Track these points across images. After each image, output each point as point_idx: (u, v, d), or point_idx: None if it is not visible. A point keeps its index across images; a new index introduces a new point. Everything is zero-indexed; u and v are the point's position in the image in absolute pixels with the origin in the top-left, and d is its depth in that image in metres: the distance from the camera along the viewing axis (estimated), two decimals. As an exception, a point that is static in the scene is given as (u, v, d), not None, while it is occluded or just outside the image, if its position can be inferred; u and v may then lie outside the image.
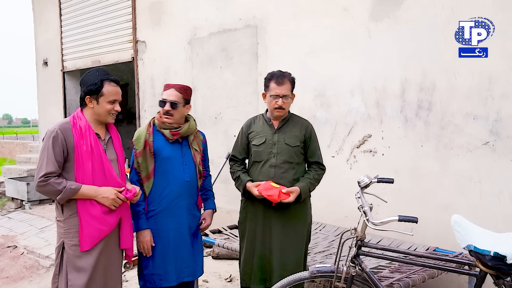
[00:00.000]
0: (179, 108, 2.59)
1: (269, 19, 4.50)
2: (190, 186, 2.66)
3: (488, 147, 3.17)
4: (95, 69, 2.38)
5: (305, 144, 2.74)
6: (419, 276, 2.70)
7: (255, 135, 2.77)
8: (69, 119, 2.34)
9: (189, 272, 2.64)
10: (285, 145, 2.68)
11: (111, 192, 2.28)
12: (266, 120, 2.78)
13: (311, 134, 2.75)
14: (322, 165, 2.79)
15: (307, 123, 2.79)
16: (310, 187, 2.68)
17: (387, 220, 2.04)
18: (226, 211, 4.71)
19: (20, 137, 25.18)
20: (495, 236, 1.95)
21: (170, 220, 2.61)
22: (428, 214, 3.43)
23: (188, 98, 2.65)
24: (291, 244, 2.67)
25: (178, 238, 2.62)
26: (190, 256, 2.65)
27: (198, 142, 2.72)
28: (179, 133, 2.61)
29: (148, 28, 5.98)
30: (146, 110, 6.15)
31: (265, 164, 2.69)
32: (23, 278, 4.32)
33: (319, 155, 2.78)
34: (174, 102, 2.57)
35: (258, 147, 2.73)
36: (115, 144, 2.47)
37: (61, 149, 2.23)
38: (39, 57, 8.30)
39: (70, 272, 2.26)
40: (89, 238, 2.25)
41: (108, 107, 2.34)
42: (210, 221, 2.79)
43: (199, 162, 2.69)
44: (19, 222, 6.46)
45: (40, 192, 2.27)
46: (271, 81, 2.67)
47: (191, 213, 2.68)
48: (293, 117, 2.80)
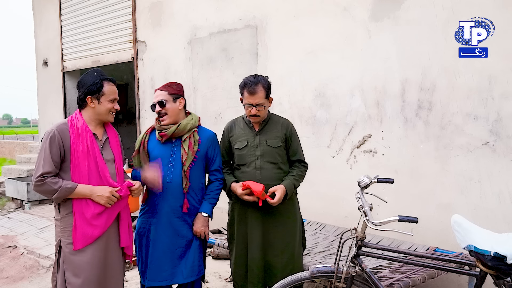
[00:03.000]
0: (169, 105, 2.60)
1: (269, 19, 4.50)
2: (172, 188, 2.58)
3: (488, 147, 3.17)
4: (93, 70, 2.45)
5: (287, 143, 2.74)
6: (419, 276, 2.69)
7: (237, 138, 2.76)
8: (67, 120, 2.40)
9: (164, 277, 2.58)
10: (267, 146, 2.67)
11: (105, 191, 2.32)
12: (246, 123, 2.77)
13: (292, 133, 2.75)
14: (304, 163, 2.79)
15: (287, 122, 2.79)
16: (295, 183, 2.68)
17: (387, 220, 2.04)
18: (226, 211, 4.71)
19: (20, 137, 25.19)
20: (495, 236, 1.95)
21: (152, 220, 2.63)
22: (428, 214, 3.42)
23: (177, 93, 2.64)
24: (283, 242, 2.67)
25: (156, 240, 2.60)
26: (167, 260, 2.58)
27: (191, 142, 2.61)
28: (166, 134, 2.60)
29: (148, 28, 5.98)
30: (146, 110, 6.15)
31: (249, 167, 2.69)
32: (23, 278, 4.32)
33: (300, 153, 2.79)
34: (160, 101, 2.60)
35: (240, 150, 2.73)
36: (112, 144, 2.50)
37: (58, 150, 2.29)
38: (39, 57, 8.30)
39: (67, 270, 2.30)
40: (82, 237, 2.29)
41: (109, 106, 2.41)
42: (198, 226, 2.63)
43: (184, 163, 2.57)
44: (19, 222, 6.46)
45: (37, 191, 2.32)
46: (244, 90, 2.64)
47: (176, 216, 2.61)
48: (272, 117, 2.79)
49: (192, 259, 2.62)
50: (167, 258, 2.59)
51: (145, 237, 2.65)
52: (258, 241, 2.68)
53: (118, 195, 2.36)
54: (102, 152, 2.41)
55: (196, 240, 2.67)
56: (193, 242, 2.65)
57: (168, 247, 2.60)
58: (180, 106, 2.64)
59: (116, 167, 2.47)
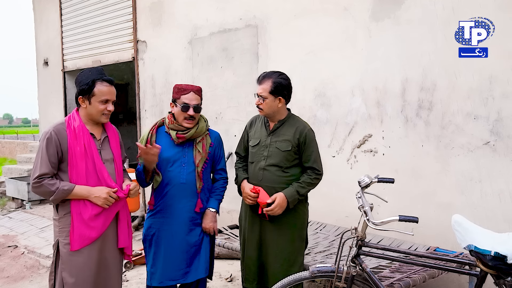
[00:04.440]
0: (199, 111, 2.62)
1: (269, 19, 4.50)
2: (187, 188, 2.62)
3: (489, 147, 3.17)
4: (89, 69, 2.39)
5: (299, 148, 2.62)
6: (419, 276, 2.69)
7: (253, 135, 2.77)
8: (65, 120, 2.36)
9: (179, 276, 2.61)
10: (276, 149, 2.62)
11: (103, 192, 2.30)
12: (264, 121, 2.76)
13: (306, 139, 2.61)
14: (317, 170, 2.64)
15: (302, 126, 2.65)
16: (299, 190, 2.56)
17: (387, 220, 2.04)
18: (226, 211, 4.71)
19: (20, 137, 25.20)
20: (495, 236, 1.95)
21: (165, 221, 2.63)
22: (429, 214, 3.43)
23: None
24: (278, 247, 2.64)
25: (170, 240, 2.62)
26: (182, 259, 2.62)
27: (204, 144, 2.66)
28: (184, 136, 2.60)
29: (149, 28, 5.98)
30: (147, 110, 6.15)
31: (256, 166, 2.69)
32: (24, 277, 4.32)
33: (315, 160, 2.63)
34: (197, 106, 2.60)
35: (252, 148, 2.73)
36: (112, 143, 2.46)
37: (55, 150, 2.26)
38: (39, 56, 8.30)
39: (64, 270, 2.30)
40: (79, 238, 2.28)
41: (100, 107, 2.34)
42: (207, 222, 2.68)
43: (198, 164, 2.62)
44: (19, 221, 6.47)
45: (35, 193, 2.30)
46: (257, 80, 2.69)
47: (189, 216, 2.64)
48: (290, 119, 2.70)
49: (205, 256, 2.68)
50: (182, 258, 2.62)
51: (155, 237, 2.65)
52: (255, 240, 2.69)
53: (115, 195, 2.34)
54: (100, 152, 2.38)
55: (206, 236, 2.71)
56: (204, 239, 2.69)
57: (183, 246, 2.63)
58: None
59: (115, 166, 2.45)
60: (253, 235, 2.70)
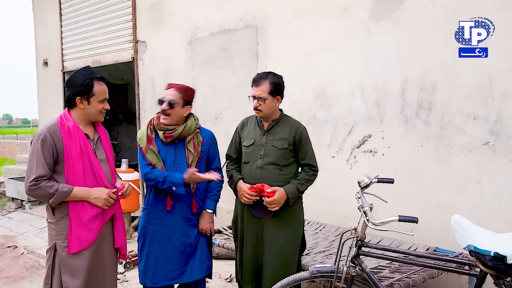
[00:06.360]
0: (177, 108, 2.57)
1: (269, 19, 4.50)
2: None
3: (488, 147, 3.17)
4: (82, 69, 2.36)
5: (295, 146, 2.68)
6: (419, 276, 2.69)
7: (246, 136, 2.78)
8: (57, 120, 2.31)
9: (174, 276, 2.61)
10: (273, 147, 2.65)
11: (103, 193, 2.29)
12: (257, 121, 2.78)
13: (302, 137, 2.68)
14: (314, 167, 2.72)
15: (297, 125, 2.73)
16: (298, 187, 2.62)
17: (387, 220, 2.04)
18: (226, 211, 4.71)
19: (20, 137, 25.17)
20: (495, 236, 1.95)
21: (160, 221, 2.63)
22: (428, 214, 3.43)
23: (188, 99, 2.62)
24: (276, 246, 2.64)
25: (165, 240, 2.61)
26: (177, 260, 2.61)
27: (195, 143, 2.64)
28: (172, 135, 2.58)
29: (148, 28, 5.98)
30: (146, 110, 6.15)
31: (252, 166, 2.69)
32: (23, 278, 4.32)
33: (310, 157, 2.70)
34: (171, 101, 2.55)
35: (247, 148, 2.74)
36: (104, 143, 2.46)
37: (51, 152, 2.21)
38: (39, 57, 8.30)
39: (64, 274, 2.26)
40: (77, 241, 2.25)
41: (99, 107, 2.35)
42: (204, 223, 2.68)
43: (190, 164, 2.60)
44: (19, 222, 6.46)
45: (31, 196, 2.24)
46: (253, 83, 2.69)
47: (185, 216, 2.64)
48: (284, 119, 2.75)
49: (200, 257, 2.66)
50: (177, 258, 2.61)
51: (148, 236, 2.64)
52: (253, 241, 2.70)
53: (115, 196, 2.33)
54: (95, 152, 2.37)
55: (203, 237, 2.70)
56: (200, 239, 2.68)
57: (178, 247, 2.62)
58: (185, 113, 2.62)
59: (109, 166, 2.44)
60: (251, 235, 2.70)
